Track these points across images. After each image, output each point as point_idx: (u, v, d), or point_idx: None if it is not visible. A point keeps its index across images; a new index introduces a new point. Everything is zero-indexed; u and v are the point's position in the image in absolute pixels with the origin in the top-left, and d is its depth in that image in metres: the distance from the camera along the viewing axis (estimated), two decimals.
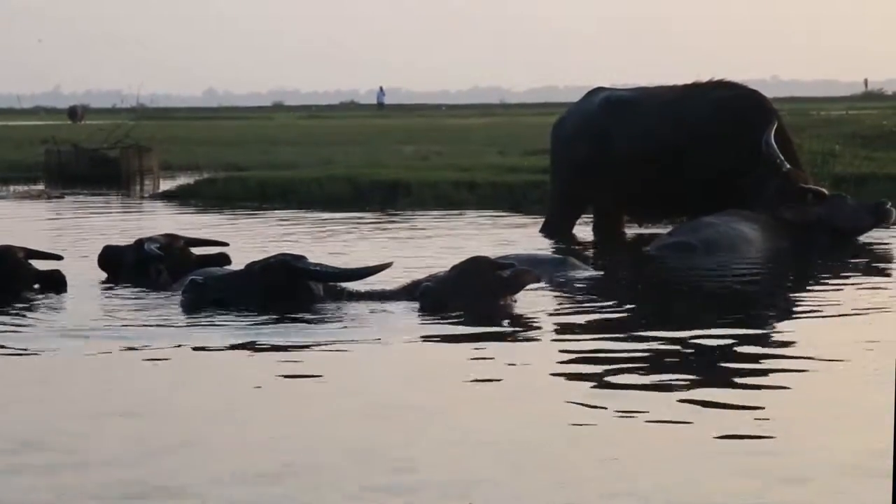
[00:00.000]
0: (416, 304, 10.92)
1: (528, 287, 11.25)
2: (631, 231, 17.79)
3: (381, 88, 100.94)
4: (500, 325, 10.42)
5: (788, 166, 15.79)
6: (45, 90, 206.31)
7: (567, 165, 17.65)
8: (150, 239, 13.13)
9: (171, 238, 13.30)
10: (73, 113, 78.39)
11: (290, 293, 11.20)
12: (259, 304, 10.98)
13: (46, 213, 23.31)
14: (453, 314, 10.51)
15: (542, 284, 11.80)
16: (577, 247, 16.28)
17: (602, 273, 13.39)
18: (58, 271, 12.34)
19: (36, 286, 12.20)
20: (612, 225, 17.47)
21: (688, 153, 16.43)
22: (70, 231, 19.05)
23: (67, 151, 34.73)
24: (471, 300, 10.85)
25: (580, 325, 10.43)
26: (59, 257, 12.86)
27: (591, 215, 17.98)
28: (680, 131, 16.59)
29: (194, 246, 13.36)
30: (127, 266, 12.96)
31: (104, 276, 13.18)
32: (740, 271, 13.72)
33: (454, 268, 11.20)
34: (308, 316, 10.71)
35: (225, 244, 13.60)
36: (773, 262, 14.30)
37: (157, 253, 12.78)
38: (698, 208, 15.62)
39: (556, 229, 17.36)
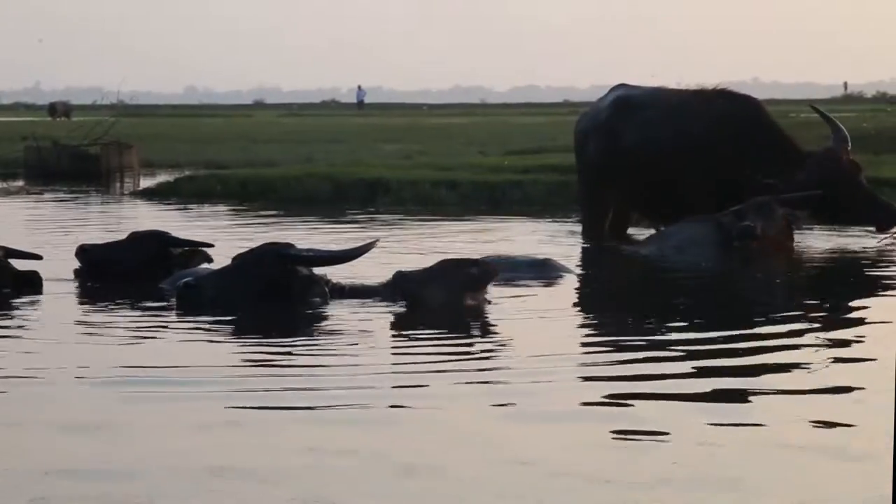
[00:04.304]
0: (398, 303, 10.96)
1: (500, 283, 11.26)
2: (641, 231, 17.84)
3: (359, 87, 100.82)
4: (478, 333, 10.42)
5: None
6: (26, 86, 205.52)
7: (582, 164, 17.86)
8: (142, 232, 13.30)
9: (158, 235, 13.30)
10: (53, 109, 78.25)
11: (283, 283, 11.16)
12: (254, 298, 10.97)
13: (26, 209, 23.26)
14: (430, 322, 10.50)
15: (522, 286, 11.85)
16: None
17: (581, 275, 13.44)
18: (35, 273, 12.29)
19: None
20: (619, 224, 17.48)
21: (688, 158, 16.46)
22: (49, 227, 18.99)
23: (47, 148, 34.63)
24: (445, 297, 10.85)
25: (558, 325, 10.47)
26: (38, 257, 12.74)
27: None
28: (679, 136, 16.63)
29: (176, 246, 13.26)
30: (141, 262, 12.83)
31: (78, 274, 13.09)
32: (701, 274, 14.02)
33: (426, 269, 11.17)
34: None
35: (210, 245, 13.50)
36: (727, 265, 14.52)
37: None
38: (702, 211, 15.65)
39: (589, 231, 17.45)
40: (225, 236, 16.64)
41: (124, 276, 12.63)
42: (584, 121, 18.05)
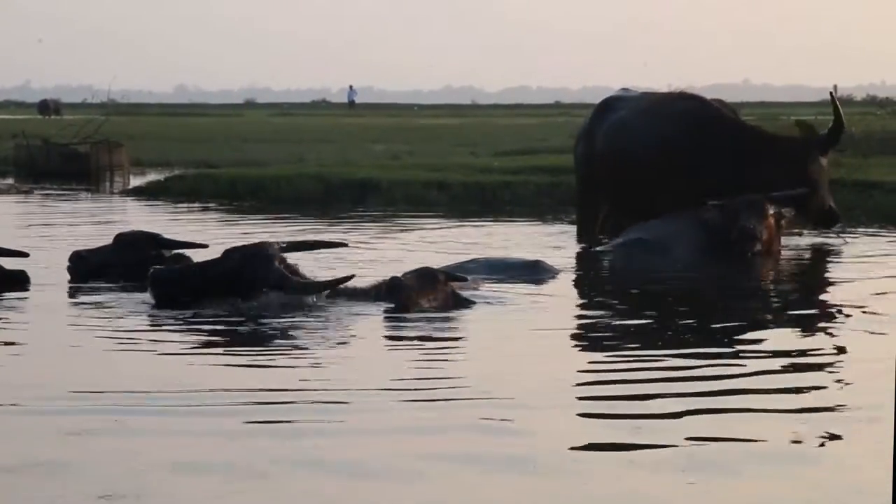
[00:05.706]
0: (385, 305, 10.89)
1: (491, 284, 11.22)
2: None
3: (350, 87, 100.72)
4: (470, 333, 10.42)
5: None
6: (16, 84, 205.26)
7: (575, 167, 18.09)
8: (132, 233, 13.25)
9: (151, 236, 13.24)
10: (45, 107, 78.10)
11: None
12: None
13: (15, 207, 23.22)
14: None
15: (512, 287, 11.84)
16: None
17: (572, 276, 13.44)
18: (23, 272, 12.26)
19: None
20: (617, 225, 17.53)
21: (655, 159, 16.50)
22: (39, 226, 18.96)
23: (37, 146, 34.58)
24: (427, 307, 10.78)
25: (553, 326, 10.48)
26: (24, 255, 12.69)
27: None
28: (646, 138, 16.68)
29: (169, 248, 13.16)
30: (135, 264, 12.70)
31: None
32: (689, 274, 14.03)
33: (417, 278, 11.03)
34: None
35: (204, 246, 13.41)
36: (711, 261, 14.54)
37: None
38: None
39: (582, 233, 17.54)
40: (215, 236, 16.63)
41: (118, 278, 12.58)
42: (580, 127, 18.30)
